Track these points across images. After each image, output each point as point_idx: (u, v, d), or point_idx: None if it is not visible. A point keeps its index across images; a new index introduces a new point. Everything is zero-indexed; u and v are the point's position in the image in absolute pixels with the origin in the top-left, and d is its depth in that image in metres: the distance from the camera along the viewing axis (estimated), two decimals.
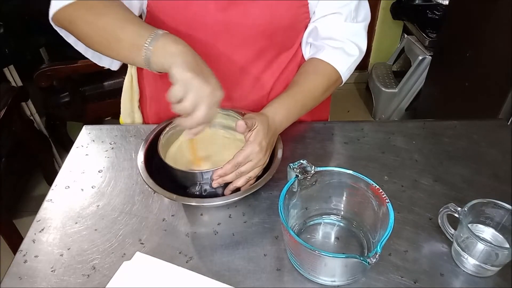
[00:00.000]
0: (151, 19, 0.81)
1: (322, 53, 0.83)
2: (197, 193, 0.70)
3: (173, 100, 0.59)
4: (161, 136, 0.75)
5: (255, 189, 0.68)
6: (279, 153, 0.74)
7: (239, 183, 0.68)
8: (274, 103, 0.77)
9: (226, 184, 0.70)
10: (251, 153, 0.67)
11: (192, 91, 0.58)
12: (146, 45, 0.62)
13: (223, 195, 0.70)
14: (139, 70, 0.94)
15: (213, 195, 0.71)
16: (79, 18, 0.69)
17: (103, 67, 0.85)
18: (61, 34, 0.76)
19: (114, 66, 0.83)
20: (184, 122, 0.61)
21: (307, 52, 0.89)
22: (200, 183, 0.70)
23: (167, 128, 0.76)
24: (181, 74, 0.58)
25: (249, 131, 0.68)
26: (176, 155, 0.77)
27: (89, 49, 0.77)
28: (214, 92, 0.60)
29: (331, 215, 0.69)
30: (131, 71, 0.95)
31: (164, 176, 0.71)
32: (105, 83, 1.87)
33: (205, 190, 0.70)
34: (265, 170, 0.71)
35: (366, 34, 0.85)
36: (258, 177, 0.71)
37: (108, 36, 0.66)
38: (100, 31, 0.67)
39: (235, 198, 0.68)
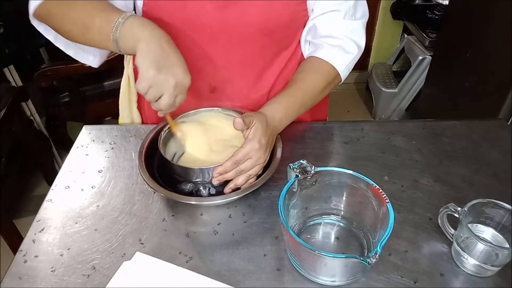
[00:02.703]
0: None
1: (321, 51, 0.83)
2: (196, 189, 0.70)
3: (139, 92, 0.64)
4: (162, 133, 0.75)
5: (255, 188, 0.68)
6: (278, 153, 0.74)
7: (239, 181, 0.68)
8: (272, 102, 0.77)
9: (226, 182, 0.70)
10: (251, 151, 0.67)
11: (154, 86, 0.63)
12: (114, 29, 0.65)
13: (223, 193, 0.70)
14: (136, 71, 0.94)
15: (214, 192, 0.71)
16: (55, 11, 0.73)
17: (103, 67, 0.86)
18: (40, 31, 0.80)
19: (95, 62, 0.85)
20: (152, 105, 0.67)
21: (306, 50, 0.89)
22: (198, 181, 0.70)
23: (168, 126, 0.76)
24: (145, 71, 0.62)
25: (247, 128, 0.68)
26: (177, 151, 0.77)
27: (70, 46, 0.81)
28: (180, 82, 0.64)
29: (331, 215, 0.69)
30: (128, 73, 0.95)
31: (165, 174, 0.72)
32: (105, 83, 1.86)
33: (203, 188, 0.71)
34: (265, 169, 0.71)
35: (365, 31, 0.85)
36: (258, 176, 0.71)
37: (80, 24, 0.70)
38: (72, 20, 0.71)
39: (234, 196, 0.68)
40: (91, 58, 0.84)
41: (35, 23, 0.79)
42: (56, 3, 0.73)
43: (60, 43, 0.81)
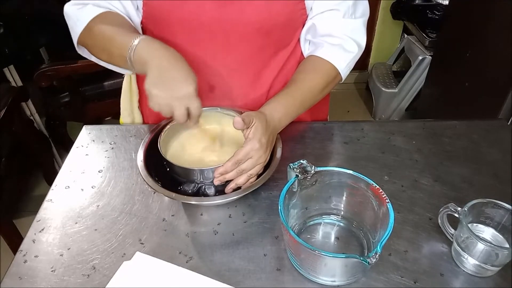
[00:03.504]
0: (147, 18, 0.81)
1: (321, 50, 0.83)
2: (197, 190, 0.70)
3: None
4: (162, 134, 0.75)
5: (255, 188, 0.68)
6: (278, 152, 0.74)
7: (240, 181, 0.68)
8: (272, 101, 0.77)
9: (227, 182, 0.70)
10: (251, 150, 0.67)
11: (161, 103, 0.66)
12: (128, 54, 0.69)
13: (223, 192, 0.70)
14: (138, 77, 0.95)
15: (214, 192, 0.71)
16: (87, 42, 0.79)
17: (103, 67, 0.86)
18: (85, 56, 0.85)
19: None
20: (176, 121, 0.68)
21: (306, 49, 0.89)
22: (199, 181, 0.70)
23: (168, 126, 0.76)
24: (149, 93, 0.66)
25: (247, 128, 0.68)
26: (177, 152, 0.77)
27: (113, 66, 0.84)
28: (179, 91, 0.65)
29: (331, 215, 0.69)
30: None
31: (165, 174, 0.71)
32: (105, 83, 1.86)
33: (205, 188, 0.71)
34: (265, 169, 0.71)
35: (365, 30, 0.85)
36: (258, 176, 0.70)
37: (104, 51, 0.76)
38: (99, 48, 0.77)
39: (234, 196, 0.67)
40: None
41: (80, 50, 0.85)
42: (87, 34, 0.78)
43: (103, 64, 0.85)
